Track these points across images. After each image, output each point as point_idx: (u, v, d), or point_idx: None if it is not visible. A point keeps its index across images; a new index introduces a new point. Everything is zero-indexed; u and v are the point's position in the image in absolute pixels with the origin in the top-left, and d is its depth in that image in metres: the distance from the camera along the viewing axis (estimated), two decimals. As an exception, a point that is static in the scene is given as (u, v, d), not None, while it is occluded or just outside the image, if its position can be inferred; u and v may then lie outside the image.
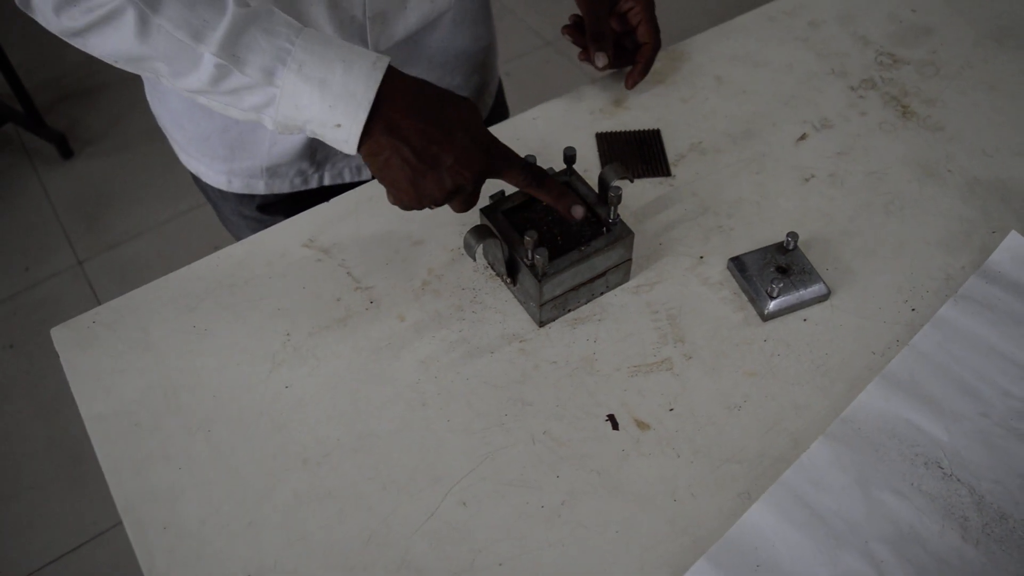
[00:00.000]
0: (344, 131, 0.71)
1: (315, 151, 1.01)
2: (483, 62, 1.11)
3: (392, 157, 0.72)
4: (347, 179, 1.07)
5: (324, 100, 0.70)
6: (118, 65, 0.73)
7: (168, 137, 1.08)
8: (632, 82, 1.00)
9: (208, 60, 0.69)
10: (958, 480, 0.71)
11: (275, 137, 0.98)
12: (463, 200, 0.76)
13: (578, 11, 1.00)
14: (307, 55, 0.69)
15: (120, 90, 2.68)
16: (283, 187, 1.05)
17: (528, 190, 0.78)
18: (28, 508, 1.82)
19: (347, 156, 1.04)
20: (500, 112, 1.23)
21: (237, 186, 1.05)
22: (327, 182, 1.06)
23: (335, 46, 0.71)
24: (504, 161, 0.76)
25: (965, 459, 0.72)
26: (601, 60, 0.96)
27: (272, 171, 1.02)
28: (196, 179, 1.10)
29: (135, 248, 2.28)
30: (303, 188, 1.06)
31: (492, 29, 1.13)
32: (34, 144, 2.54)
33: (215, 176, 1.05)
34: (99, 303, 0.87)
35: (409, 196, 0.74)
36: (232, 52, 0.69)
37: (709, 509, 0.70)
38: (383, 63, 0.71)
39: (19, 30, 2.79)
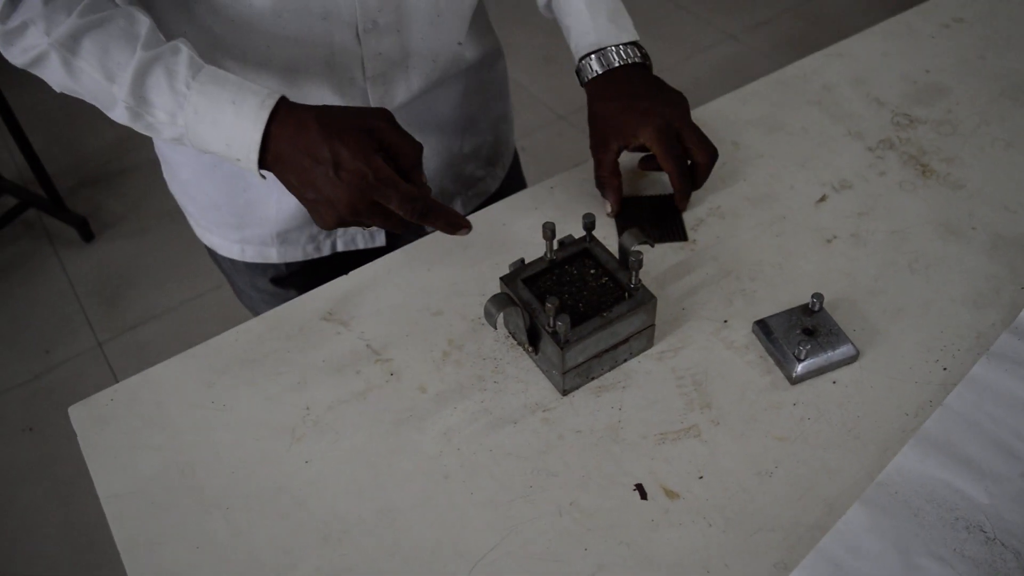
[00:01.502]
0: (245, 164, 0.76)
1: None
2: (495, 132, 1.11)
3: (290, 188, 0.77)
4: (360, 245, 1.06)
5: (220, 139, 0.75)
6: (76, 95, 0.78)
7: (183, 210, 1.09)
8: (680, 204, 0.93)
9: (121, 99, 0.75)
10: (1002, 544, 0.68)
11: (281, 199, 0.98)
12: (380, 221, 0.77)
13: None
14: (201, 97, 0.74)
15: (141, 174, 2.72)
16: (296, 255, 1.05)
17: (416, 221, 0.77)
18: (45, 595, 1.79)
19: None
20: (517, 184, 1.23)
21: (251, 255, 1.05)
22: (340, 248, 1.06)
23: (229, 86, 0.75)
24: (382, 194, 0.75)
25: (1008, 522, 0.69)
26: (607, 207, 0.94)
27: (283, 237, 1.02)
28: (211, 253, 1.10)
29: (155, 329, 2.29)
30: (316, 256, 1.05)
31: (507, 100, 1.13)
32: (56, 228, 2.57)
33: (228, 246, 1.05)
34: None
35: (318, 220, 0.77)
36: (139, 95, 0.75)
37: (744, 580, 0.67)
38: (272, 100, 0.74)
39: (41, 116, 2.85)
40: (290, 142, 0.74)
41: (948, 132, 1.03)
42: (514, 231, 0.95)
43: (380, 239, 1.06)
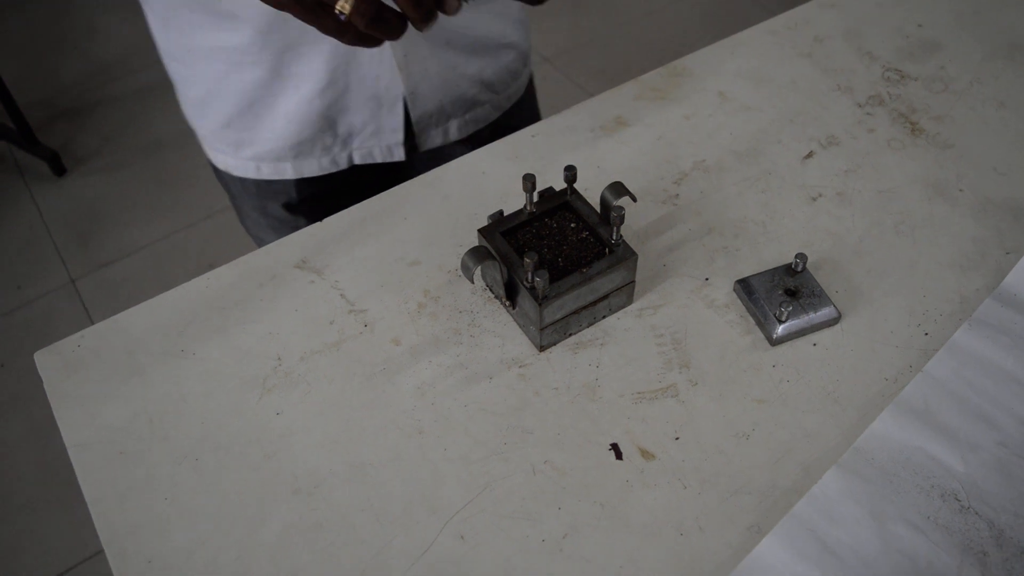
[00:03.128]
0: None
1: (335, 121, 0.99)
2: (504, 59, 1.09)
3: None
4: (377, 158, 1.05)
5: None
6: None
7: (195, 133, 1.09)
8: None
9: None
10: (976, 513, 0.68)
11: (289, 109, 0.97)
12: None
13: None
14: None
15: (114, 108, 2.66)
16: (312, 168, 1.04)
17: None
18: (20, 529, 1.79)
19: (374, 134, 1.02)
20: (531, 118, 1.22)
21: (266, 172, 1.05)
22: (357, 160, 1.05)
23: None
24: None
25: (983, 491, 0.69)
26: None
27: (297, 150, 1.01)
28: (221, 177, 1.10)
29: (129, 266, 2.26)
30: (332, 169, 1.04)
31: (524, 30, 1.12)
32: (27, 161, 2.52)
33: (243, 165, 1.05)
34: (92, 322, 0.85)
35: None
36: None
37: (717, 543, 0.67)
38: None
39: (12, 46, 2.77)
40: None
41: (939, 89, 1.01)
42: (494, 180, 0.92)
43: (399, 153, 1.05)
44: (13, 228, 2.35)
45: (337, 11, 0.64)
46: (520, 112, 1.21)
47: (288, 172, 1.05)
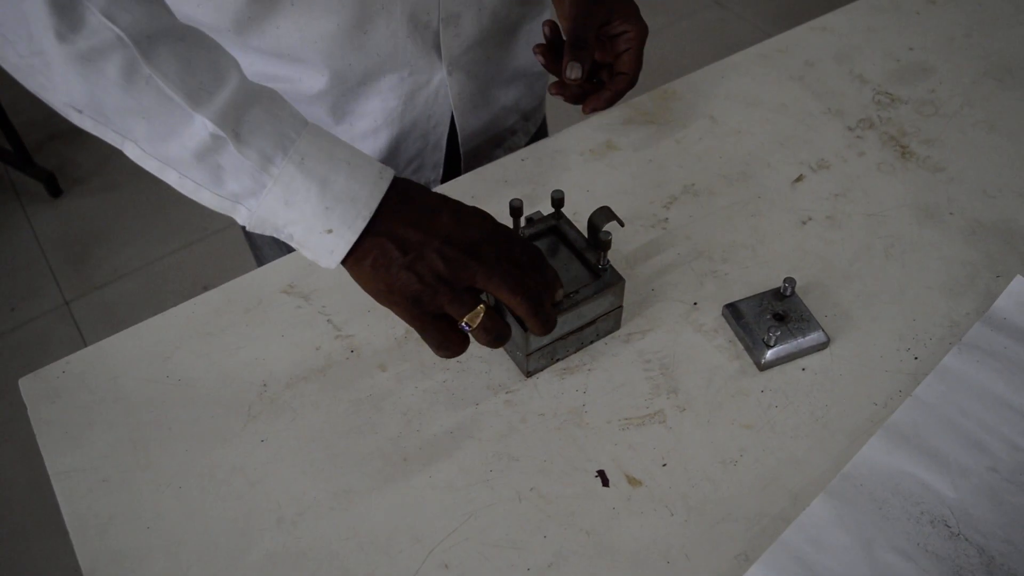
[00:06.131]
0: (333, 238, 0.65)
1: (383, 158, 1.00)
2: (535, 86, 1.10)
3: (378, 257, 0.66)
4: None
5: (322, 200, 0.64)
6: (96, 116, 0.64)
7: None
8: (591, 108, 0.89)
9: (202, 127, 0.62)
10: (966, 539, 0.67)
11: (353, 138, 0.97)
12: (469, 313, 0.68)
13: (556, 20, 0.91)
14: (312, 148, 0.64)
15: (111, 128, 2.67)
16: None
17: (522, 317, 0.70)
18: (9, 553, 1.78)
19: (417, 170, 1.03)
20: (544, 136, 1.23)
21: None
22: None
23: (342, 146, 0.66)
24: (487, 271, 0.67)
25: (973, 516, 0.68)
26: (575, 71, 0.84)
27: None
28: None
29: (123, 288, 2.25)
30: None
31: None
32: (22, 182, 2.52)
33: None
34: (85, 343, 0.84)
35: (405, 291, 0.66)
36: (232, 126, 0.62)
37: (704, 572, 0.66)
38: (389, 174, 0.67)
39: (11, 68, 2.78)
40: (403, 222, 0.66)
41: (930, 113, 1.01)
42: (482, 204, 0.92)
43: (435, 187, 1.06)
44: (7, 249, 2.35)
45: (464, 324, 0.68)
46: (538, 137, 1.21)
47: None
